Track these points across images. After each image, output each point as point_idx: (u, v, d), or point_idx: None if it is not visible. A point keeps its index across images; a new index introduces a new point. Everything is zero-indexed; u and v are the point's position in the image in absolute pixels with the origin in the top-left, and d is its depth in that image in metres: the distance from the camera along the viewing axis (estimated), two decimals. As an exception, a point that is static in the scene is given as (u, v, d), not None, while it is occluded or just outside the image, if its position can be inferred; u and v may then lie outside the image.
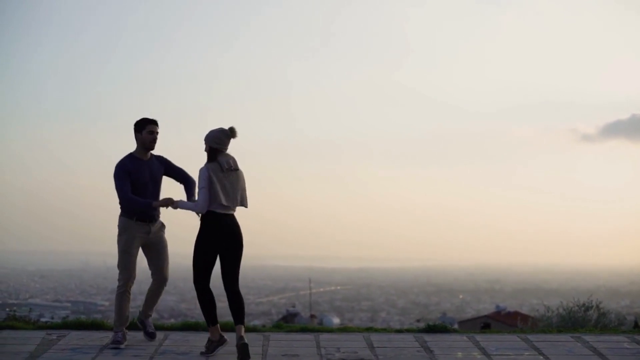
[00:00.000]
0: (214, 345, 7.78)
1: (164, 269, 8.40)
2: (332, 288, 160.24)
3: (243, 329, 7.64)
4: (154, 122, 8.30)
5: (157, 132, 8.30)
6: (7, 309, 15.59)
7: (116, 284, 8.21)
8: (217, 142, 7.69)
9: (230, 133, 7.73)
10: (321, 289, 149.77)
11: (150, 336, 8.47)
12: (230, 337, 7.78)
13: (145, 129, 8.24)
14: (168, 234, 8.46)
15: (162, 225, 8.43)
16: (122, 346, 8.09)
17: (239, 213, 7.90)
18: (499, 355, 7.93)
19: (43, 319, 14.95)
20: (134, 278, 8.32)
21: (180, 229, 8.99)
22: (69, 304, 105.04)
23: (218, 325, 7.87)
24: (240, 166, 7.85)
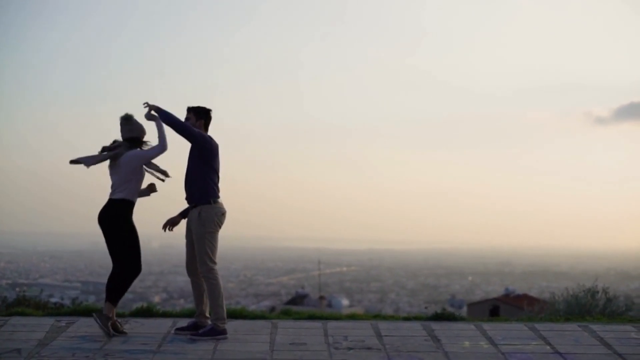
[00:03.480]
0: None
1: (197, 264, 8.13)
2: (342, 269, 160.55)
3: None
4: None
5: (186, 118, 8.16)
6: (17, 289, 15.70)
7: None
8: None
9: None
10: (330, 270, 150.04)
11: (194, 335, 8.12)
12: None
13: None
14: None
15: (199, 215, 8.04)
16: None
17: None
18: (506, 344, 7.92)
19: (53, 300, 15.05)
20: (191, 264, 8.25)
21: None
22: (78, 284, 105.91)
23: None
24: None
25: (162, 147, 7.97)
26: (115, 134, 8.17)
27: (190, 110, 8.18)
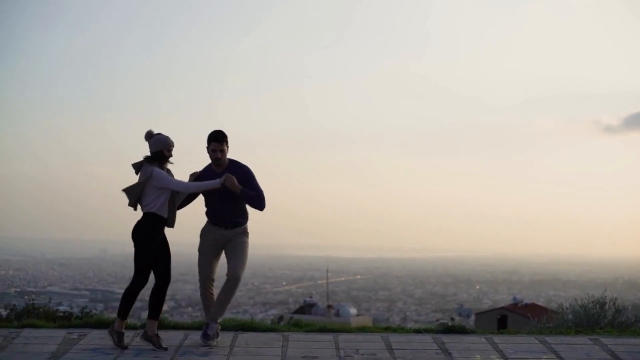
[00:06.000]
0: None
1: (233, 267, 8.36)
2: (349, 278, 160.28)
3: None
4: (216, 139, 8.21)
5: (221, 150, 8.21)
6: (26, 297, 15.76)
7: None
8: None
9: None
10: (338, 279, 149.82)
11: (205, 338, 8.30)
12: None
13: (210, 146, 8.26)
14: (181, 225, 8.49)
15: (244, 231, 8.48)
16: (213, 343, 8.27)
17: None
18: (517, 358, 7.94)
19: (61, 307, 15.09)
20: (212, 279, 8.52)
21: (194, 219, 9.04)
22: (87, 292, 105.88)
23: None
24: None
25: (185, 188, 8.14)
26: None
27: (223, 142, 8.23)
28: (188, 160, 8.49)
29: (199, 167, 8.48)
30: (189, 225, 8.62)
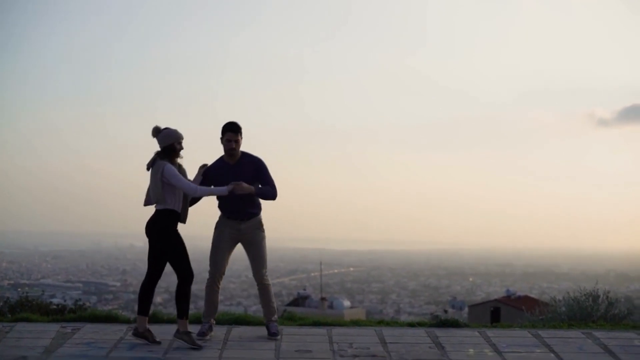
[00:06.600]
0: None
1: (258, 273, 8.54)
2: (343, 270, 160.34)
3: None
4: (232, 130, 8.22)
5: (236, 140, 8.21)
6: (19, 289, 15.76)
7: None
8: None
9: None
10: (332, 271, 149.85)
11: (272, 336, 8.42)
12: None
13: (224, 137, 8.25)
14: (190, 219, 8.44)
15: (259, 223, 8.55)
16: (207, 337, 8.31)
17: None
18: (510, 352, 7.95)
19: (55, 300, 15.10)
20: (222, 273, 8.51)
21: (197, 215, 9.01)
22: (80, 285, 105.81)
23: None
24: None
25: (193, 192, 8.03)
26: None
27: (238, 132, 8.24)
28: (186, 157, 8.43)
29: (197, 163, 8.47)
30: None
